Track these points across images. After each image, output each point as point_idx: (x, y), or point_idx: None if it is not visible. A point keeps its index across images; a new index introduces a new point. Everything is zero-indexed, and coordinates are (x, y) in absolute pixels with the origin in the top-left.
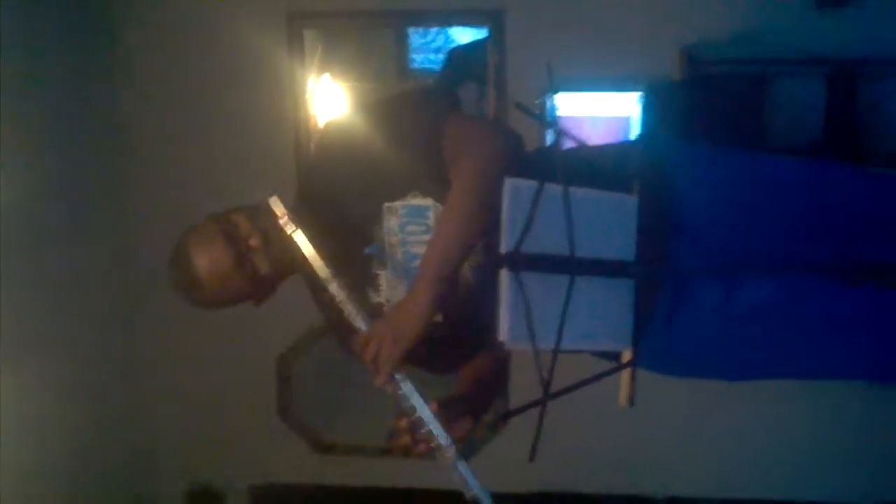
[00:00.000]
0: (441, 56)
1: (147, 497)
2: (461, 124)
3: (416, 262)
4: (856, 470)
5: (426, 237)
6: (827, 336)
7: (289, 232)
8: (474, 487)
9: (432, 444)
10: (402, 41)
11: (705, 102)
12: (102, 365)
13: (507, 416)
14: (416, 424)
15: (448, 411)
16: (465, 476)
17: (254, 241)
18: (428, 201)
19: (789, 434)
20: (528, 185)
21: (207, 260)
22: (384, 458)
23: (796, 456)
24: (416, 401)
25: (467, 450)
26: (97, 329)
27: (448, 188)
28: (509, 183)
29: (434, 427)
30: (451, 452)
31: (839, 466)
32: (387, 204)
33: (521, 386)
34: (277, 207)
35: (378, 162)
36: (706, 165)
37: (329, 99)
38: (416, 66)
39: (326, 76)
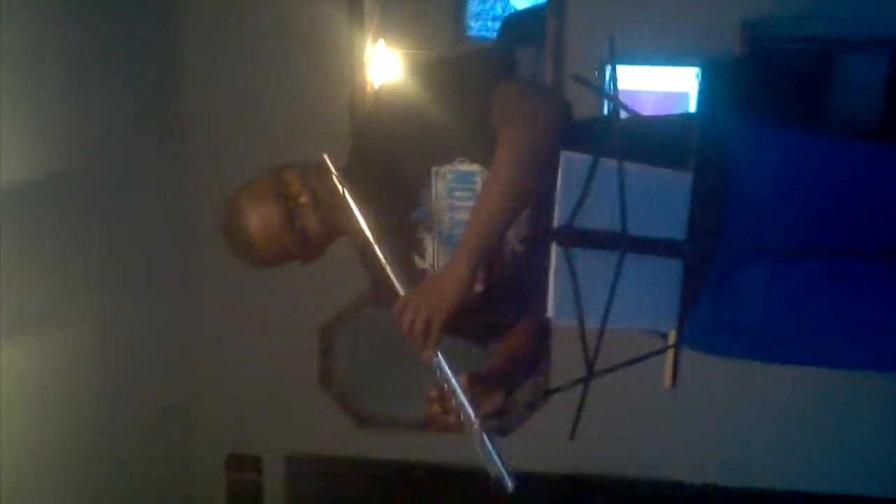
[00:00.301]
0: (498, 24)
1: (187, 460)
2: (510, 91)
3: (461, 229)
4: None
5: (472, 203)
6: (877, 324)
7: (339, 191)
8: (497, 465)
9: (461, 418)
10: (459, 8)
11: (765, 79)
12: (145, 330)
13: (548, 393)
14: (447, 395)
15: (479, 385)
16: (489, 452)
17: (304, 199)
18: (475, 167)
19: (830, 426)
20: (583, 158)
21: (257, 215)
22: (423, 433)
23: (836, 448)
24: (447, 371)
25: (505, 426)
26: (144, 294)
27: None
28: (564, 156)
29: (462, 400)
30: (476, 427)
31: (883, 459)
32: (435, 168)
33: (562, 364)
34: (329, 166)
35: (427, 125)
36: (763, 145)
37: (385, 65)
38: (472, 33)
39: (382, 42)
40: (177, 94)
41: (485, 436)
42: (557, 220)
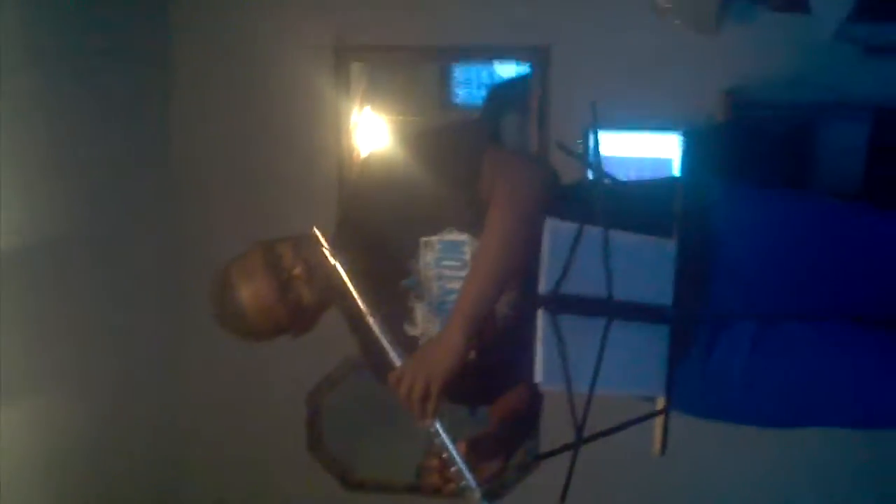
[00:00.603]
0: (484, 90)
1: None
2: (498, 159)
3: (452, 297)
4: None
5: (462, 272)
6: (865, 384)
7: (331, 262)
8: None
9: (461, 485)
10: (446, 75)
11: (747, 145)
12: (135, 390)
13: (539, 458)
14: (446, 463)
15: (477, 452)
16: None
17: (297, 271)
18: (464, 237)
19: (826, 482)
20: (568, 226)
21: (251, 289)
22: (413, 495)
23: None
24: (446, 440)
25: (497, 489)
26: (133, 354)
27: (484, 224)
28: (549, 224)
29: (462, 467)
30: (477, 495)
31: None
32: (423, 238)
33: (553, 427)
34: (319, 237)
35: (416, 195)
36: (746, 206)
37: (371, 132)
38: (459, 100)
39: (368, 108)
40: (165, 161)
41: (485, 502)
42: (543, 286)
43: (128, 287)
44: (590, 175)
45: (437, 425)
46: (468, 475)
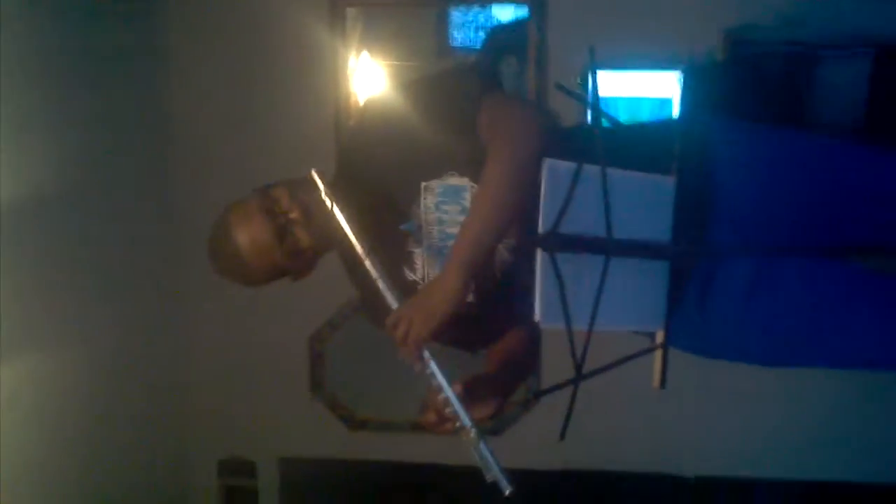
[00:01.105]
0: (482, 34)
1: (181, 466)
2: (496, 105)
3: (451, 242)
4: (889, 448)
5: (462, 217)
6: (854, 322)
7: (328, 205)
8: (494, 470)
9: (456, 424)
10: (442, 19)
11: (747, 83)
12: (138, 340)
13: (538, 394)
14: (443, 403)
15: (473, 392)
16: (485, 458)
17: (294, 215)
18: (464, 181)
19: (818, 413)
20: (567, 165)
21: (248, 234)
22: (415, 434)
23: (825, 435)
24: (441, 380)
25: (497, 426)
26: (135, 306)
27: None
28: (547, 164)
29: (457, 408)
30: (472, 434)
31: (871, 446)
32: (424, 182)
33: (554, 365)
34: (317, 181)
35: (415, 140)
36: (744, 144)
37: (368, 77)
38: (456, 44)
39: (365, 54)
40: (162, 112)
41: (482, 443)
42: (542, 226)
43: (127, 238)
44: (589, 117)
45: (433, 366)
46: (463, 415)
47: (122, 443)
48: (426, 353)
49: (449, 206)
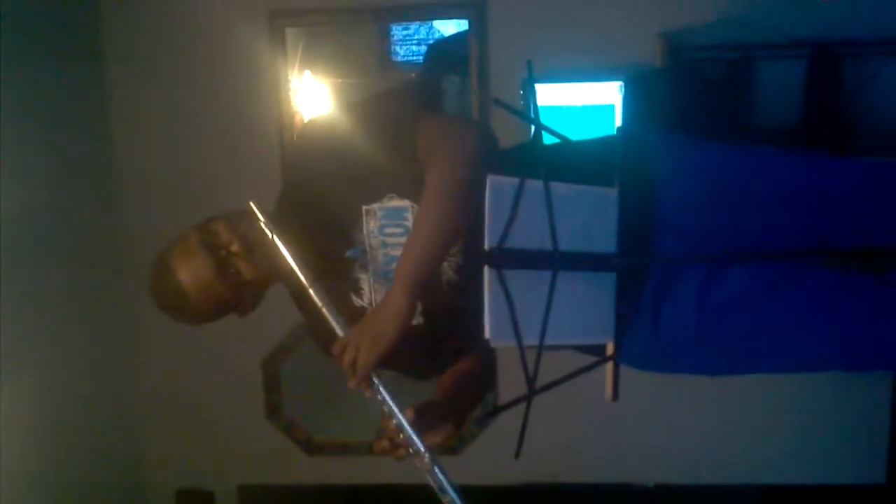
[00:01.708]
0: (424, 48)
1: (139, 498)
2: (433, 123)
3: (396, 265)
4: (837, 452)
5: (405, 238)
6: (802, 327)
7: (269, 236)
8: (450, 494)
9: (410, 450)
10: (384, 35)
11: (687, 89)
12: (92, 372)
13: (494, 412)
14: (396, 429)
15: (425, 418)
16: (440, 482)
17: (235, 248)
18: (405, 202)
19: (773, 417)
20: (510, 181)
21: (189, 272)
22: (373, 456)
23: (782, 439)
24: (392, 406)
25: (455, 445)
26: (86, 337)
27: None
28: (490, 180)
29: (409, 434)
30: (426, 459)
31: (822, 449)
32: (365, 206)
33: (510, 381)
34: (256, 213)
35: (354, 163)
36: (684, 156)
37: (312, 96)
38: (399, 58)
39: (308, 73)
40: (108, 144)
41: (435, 467)
42: (487, 242)
43: (73, 270)
44: (531, 132)
45: (383, 392)
46: (416, 440)
47: (77, 477)
48: (376, 381)
49: (392, 229)
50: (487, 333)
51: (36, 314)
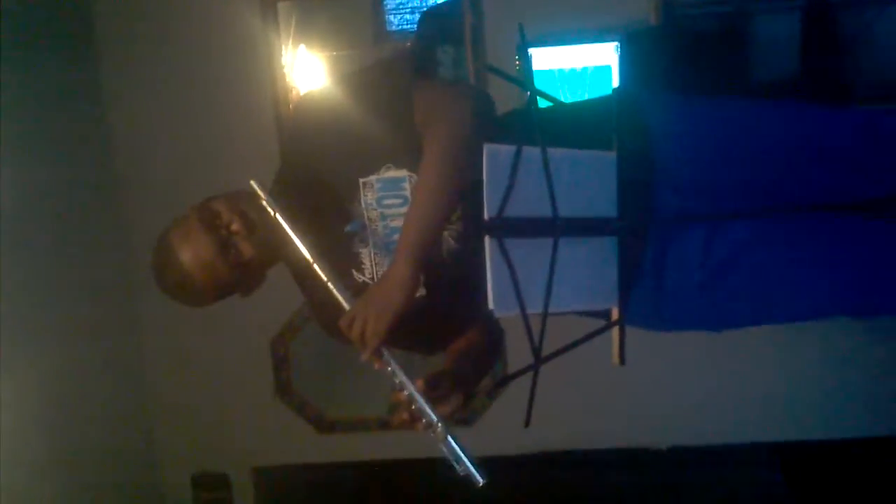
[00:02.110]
0: (417, 16)
1: (152, 485)
2: (429, 91)
3: (397, 236)
4: (851, 406)
5: (404, 209)
6: (808, 274)
7: (270, 213)
8: (465, 463)
9: (423, 421)
10: (377, 5)
11: (683, 46)
12: (100, 359)
13: (502, 382)
14: (407, 401)
15: (435, 388)
16: (455, 452)
17: (235, 227)
18: (402, 172)
19: (785, 374)
20: (507, 149)
21: (190, 250)
22: (386, 432)
23: (794, 395)
24: (403, 378)
25: (467, 417)
26: (94, 323)
27: (421, 157)
28: (487, 149)
29: (421, 404)
30: (439, 429)
31: (835, 403)
32: (362, 179)
33: (519, 350)
34: (257, 191)
35: (349, 135)
36: (680, 116)
37: (307, 70)
38: (393, 28)
39: (302, 47)
40: (103, 130)
41: (449, 437)
42: (487, 212)
43: (79, 256)
44: (526, 97)
45: (394, 364)
46: (428, 410)
47: (91, 466)
48: (385, 352)
49: (390, 200)
50: (491, 304)
51: (40, 306)
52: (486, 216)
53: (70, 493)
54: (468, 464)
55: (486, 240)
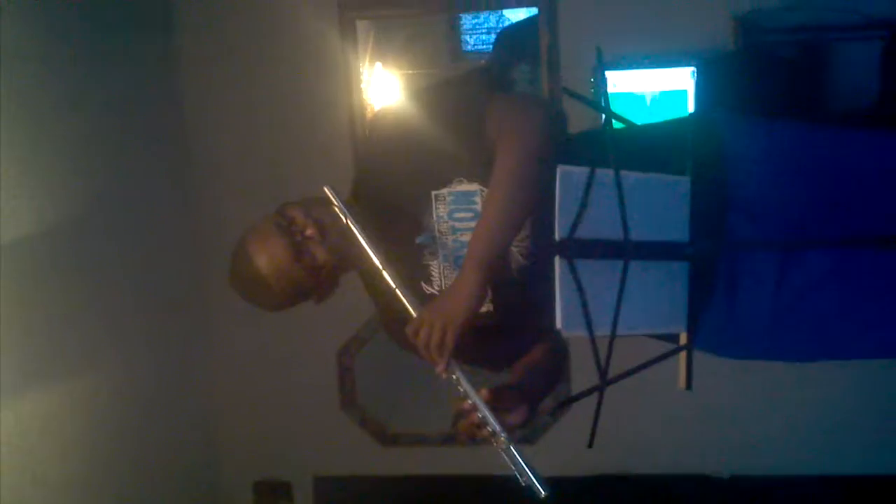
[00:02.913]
0: (493, 37)
1: (216, 490)
2: (501, 105)
3: (466, 250)
4: None
5: (475, 223)
6: (883, 310)
7: (343, 220)
8: (528, 474)
9: (487, 429)
10: (453, 25)
11: (761, 72)
12: (170, 365)
13: (566, 402)
14: (471, 410)
15: (499, 399)
16: (517, 462)
17: (309, 231)
18: (474, 186)
19: (852, 407)
20: (580, 171)
21: (266, 255)
22: (447, 447)
23: (858, 430)
24: (467, 386)
25: (530, 436)
26: (164, 330)
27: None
28: (560, 170)
29: (485, 413)
30: (503, 438)
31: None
32: (434, 192)
33: (583, 370)
34: (331, 197)
35: (423, 149)
36: (759, 140)
37: (383, 88)
38: (469, 48)
39: (379, 65)
40: (181, 134)
41: (512, 447)
42: (558, 233)
43: (153, 263)
44: (602, 119)
45: (458, 372)
46: (491, 419)
47: (155, 470)
48: (451, 361)
49: (461, 213)
50: (559, 323)
51: (110, 310)
52: (557, 237)
53: (132, 495)
54: (531, 475)
55: (557, 260)
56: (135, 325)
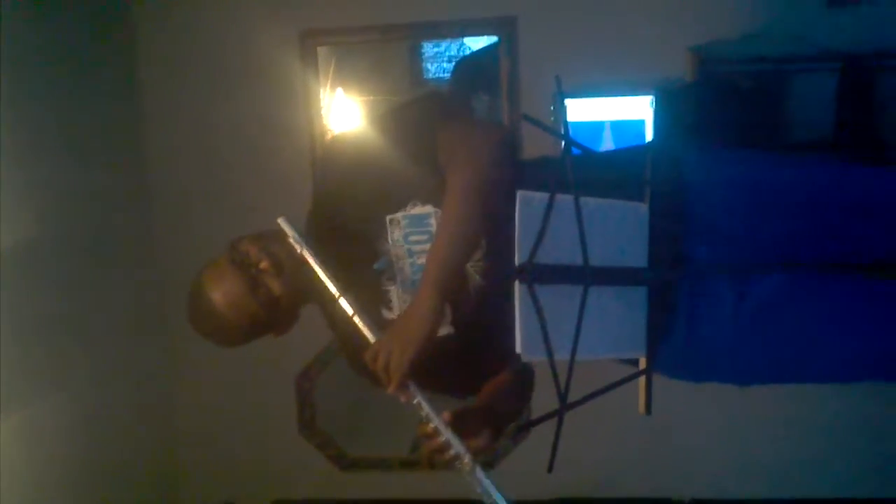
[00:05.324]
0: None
1: None
2: (454, 127)
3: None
4: (874, 465)
5: (430, 245)
6: (840, 334)
7: (298, 251)
8: (493, 496)
9: (450, 452)
10: (415, 52)
11: (717, 102)
12: (129, 389)
13: (525, 426)
14: (433, 434)
15: (463, 422)
16: (483, 486)
17: (264, 264)
18: (428, 209)
19: (807, 432)
20: (540, 196)
21: (221, 291)
22: (407, 471)
23: (814, 453)
24: (429, 410)
25: (490, 459)
26: (123, 355)
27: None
28: (520, 195)
29: (448, 436)
30: (466, 461)
31: (858, 462)
32: (389, 216)
33: (544, 395)
34: (285, 228)
35: (376, 173)
36: (716, 169)
37: (344, 114)
38: (430, 76)
39: (340, 91)
40: (138, 158)
41: (477, 469)
42: (518, 258)
43: (111, 290)
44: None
45: (419, 396)
46: (456, 443)
47: (114, 493)
48: (411, 385)
49: (416, 236)
50: (519, 348)
51: (70, 333)
52: (517, 262)
53: None
54: (496, 499)
55: (517, 285)
56: (91, 347)
